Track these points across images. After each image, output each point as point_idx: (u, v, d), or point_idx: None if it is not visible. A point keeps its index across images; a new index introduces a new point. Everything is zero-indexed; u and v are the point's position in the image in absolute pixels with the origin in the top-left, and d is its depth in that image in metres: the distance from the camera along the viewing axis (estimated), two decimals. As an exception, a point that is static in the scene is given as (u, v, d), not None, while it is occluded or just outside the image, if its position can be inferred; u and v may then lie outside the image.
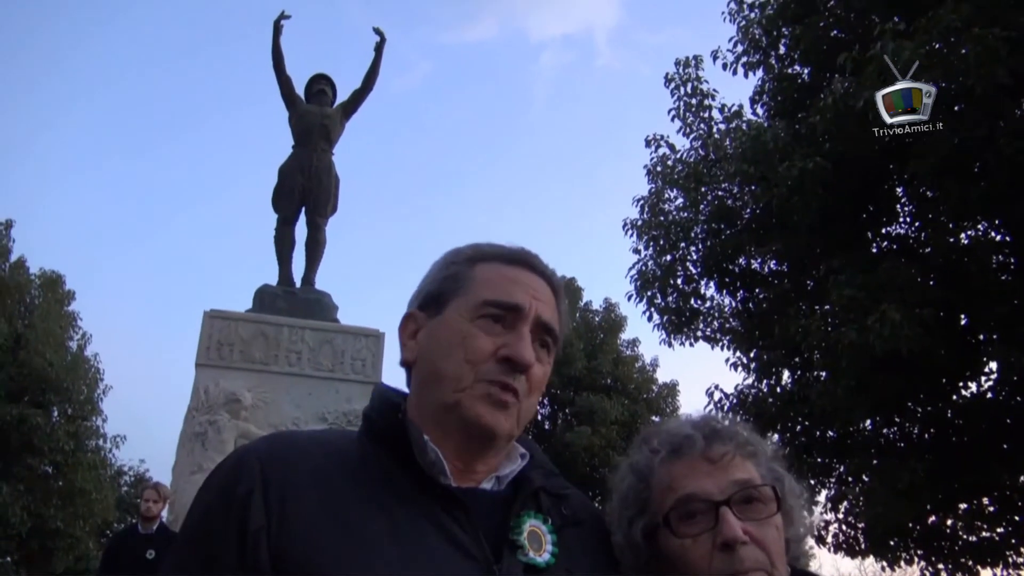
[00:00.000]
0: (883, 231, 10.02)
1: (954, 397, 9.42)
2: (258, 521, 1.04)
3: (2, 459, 17.48)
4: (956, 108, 8.08)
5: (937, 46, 7.47)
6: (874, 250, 9.67)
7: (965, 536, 9.86)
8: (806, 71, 10.22)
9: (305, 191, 9.74)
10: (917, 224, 9.72)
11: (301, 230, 9.97)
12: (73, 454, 19.22)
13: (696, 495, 1.22)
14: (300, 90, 10.17)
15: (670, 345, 11.24)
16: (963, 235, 9.07)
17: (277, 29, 9.93)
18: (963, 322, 9.00)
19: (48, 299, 20.89)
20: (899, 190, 9.73)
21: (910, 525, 9.76)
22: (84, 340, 21.74)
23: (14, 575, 19.76)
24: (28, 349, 18.83)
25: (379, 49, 10.19)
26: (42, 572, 20.44)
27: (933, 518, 9.85)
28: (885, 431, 10.01)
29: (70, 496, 19.38)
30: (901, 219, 9.97)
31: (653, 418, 22.28)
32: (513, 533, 1.13)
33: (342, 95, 10.28)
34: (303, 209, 9.86)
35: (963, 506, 9.64)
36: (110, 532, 22.70)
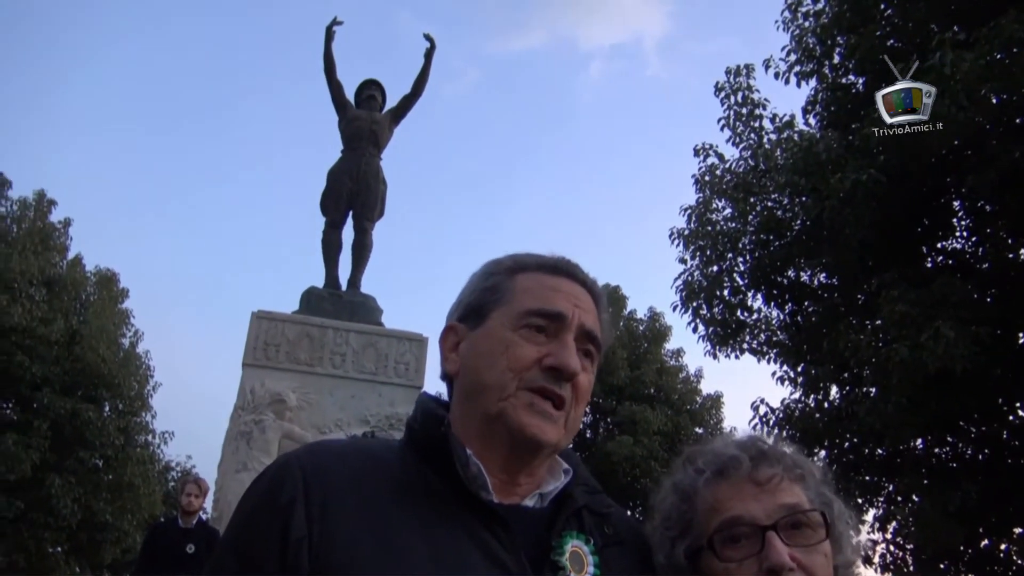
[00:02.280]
0: (938, 246, 9.79)
1: (1010, 418, 9.16)
2: (300, 531, 1.04)
3: (55, 452, 17.86)
4: (1018, 120, 7.86)
5: (999, 56, 7.27)
6: (928, 265, 9.45)
7: (1020, 561, 9.56)
8: (861, 81, 10.02)
9: (353, 195, 9.84)
10: (974, 239, 9.47)
11: (348, 233, 10.07)
12: (123, 449, 19.59)
13: (742, 518, 1.19)
14: (350, 95, 10.29)
15: (715, 357, 11.09)
16: (1022, 251, 8.81)
17: (329, 35, 10.07)
18: (1021, 340, 8.74)
19: (103, 296, 21.36)
20: (955, 204, 9.49)
21: (961, 548, 9.49)
22: (136, 337, 22.18)
23: (64, 566, 20.25)
24: (82, 345, 19.22)
25: (429, 55, 10.26)
26: (91, 563, 20.92)
27: (986, 542, 9.58)
28: (937, 451, 9.76)
29: (119, 490, 19.74)
30: (957, 234, 9.72)
31: (696, 429, 22.03)
32: (555, 554, 1.12)
33: (391, 101, 10.38)
34: (351, 213, 9.96)
35: (1018, 530, 9.35)
36: (155, 526, 23.07)
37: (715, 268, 10.60)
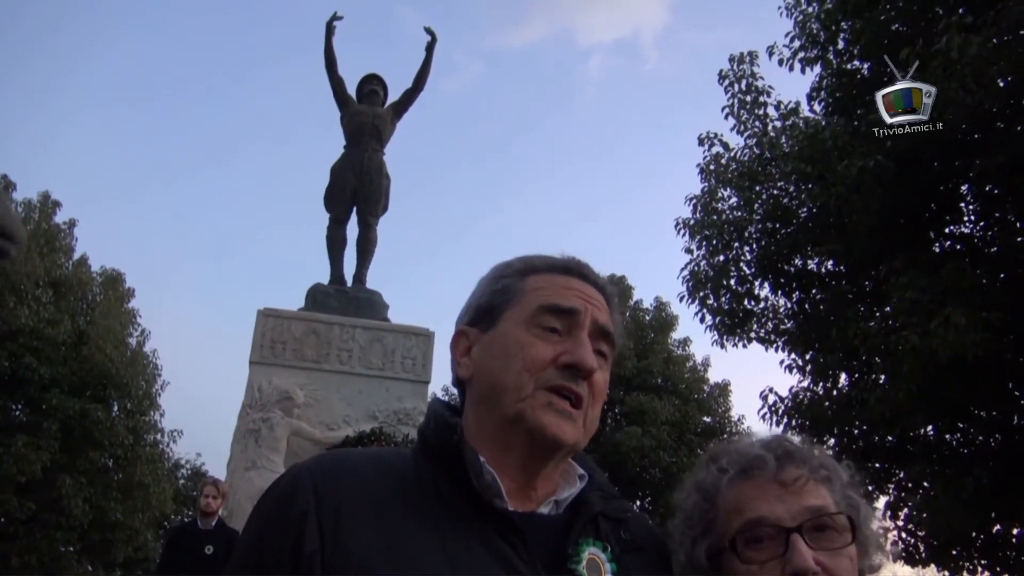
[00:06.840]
0: (947, 231, 9.72)
1: (1022, 403, 9.11)
2: (312, 544, 1.02)
3: (65, 452, 17.92)
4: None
5: (1007, 39, 7.20)
6: (937, 251, 9.38)
7: (1033, 547, 9.52)
8: (866, 67, 9.94)
9: (356, 190, 9.83)
10: (983, 223, 9.40)
11: (353, 229, 10.06)
12: (132, 448, 19.63)
13: (766, 519, 1.17)
14: (352, 90, 10.26)
15: (723, 346, 11.05)
16: (1031, 234, 8.74)
17: (329, 30, 10.04)
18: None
19: (109, 296, 21.37)
20: (964, 188, 9.42)
21: (974, 534, 9.46)
22: (143, 337, 22.21)
23: (76, 565, 20.34)
24: (90, 345, 19.26)
25: (430, 48, 10.23)
26: (103, 562, 21.01)
27: (998, 527, 9.54)
28: (948, 437, 9.72)
29: (129, 489, 19.82)
30: (966, 218, 9.65)
31: (704, 418, 22.06)
32: (572, 562, 1.09)
33: (393, 95, 10.35)
34: (355, 208, 9.95)
35: (1030, 516, 9.31)
36: (167, 524, 23.23)
37: (721, 257, 10.55)
